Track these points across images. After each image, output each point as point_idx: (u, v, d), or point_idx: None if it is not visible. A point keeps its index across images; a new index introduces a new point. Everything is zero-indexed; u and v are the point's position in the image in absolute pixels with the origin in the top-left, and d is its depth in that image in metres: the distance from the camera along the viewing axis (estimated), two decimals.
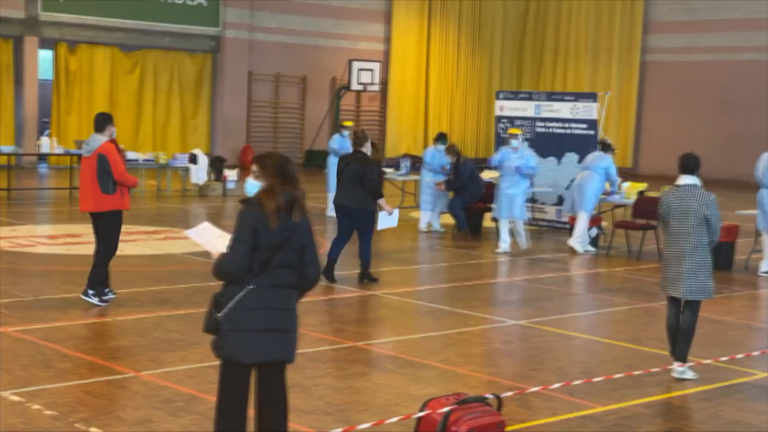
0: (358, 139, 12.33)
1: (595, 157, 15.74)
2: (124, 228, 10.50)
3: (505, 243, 15.18)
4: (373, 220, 12.20)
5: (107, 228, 10.22)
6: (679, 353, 8.41)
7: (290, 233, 5.34)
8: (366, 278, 12.22)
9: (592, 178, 15.51)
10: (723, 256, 13.92)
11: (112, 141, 10.21)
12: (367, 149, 12.17)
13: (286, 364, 5.56)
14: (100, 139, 10.10)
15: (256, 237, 5.28)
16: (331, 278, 12.04)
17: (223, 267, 5.34)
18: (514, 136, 15.36)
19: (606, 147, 15.95)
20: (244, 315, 5.32)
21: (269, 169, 5.39)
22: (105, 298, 10.26)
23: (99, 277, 10.23)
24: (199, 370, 7.85)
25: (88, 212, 10.30)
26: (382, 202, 12.26)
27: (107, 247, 10.26)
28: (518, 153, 15.16)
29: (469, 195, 17.01)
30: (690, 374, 8.39)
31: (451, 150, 17.36)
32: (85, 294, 10.24)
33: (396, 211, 12.53)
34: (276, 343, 5.40)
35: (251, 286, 5.32)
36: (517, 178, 15.14)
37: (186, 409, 6.91)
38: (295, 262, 5.40)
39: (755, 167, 14.12)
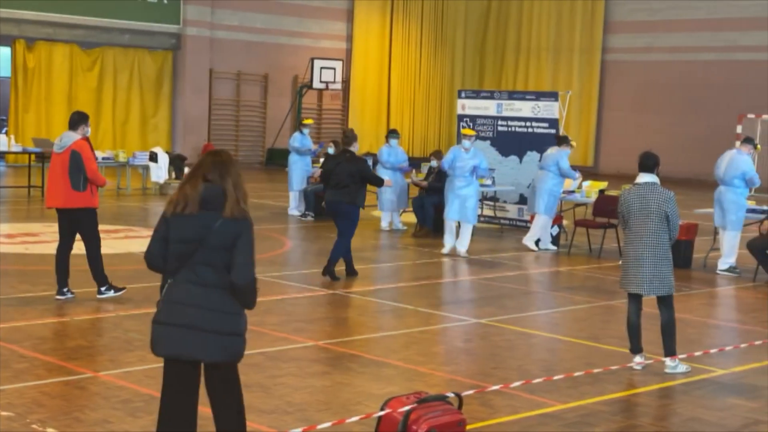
0: (347, 138, 12.56)
1: (548, 155, 15.76)
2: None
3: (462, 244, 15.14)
4: (357, 217, 12.39)
5: (85, 227, 10.32)
6: (668, 349, 8.51)
7: (205, 231, 5.25)
8: (328, 275, 12.19)
9: (546, 178, 15.56)
10: (682, 254, 14.03)
11: (86, 139, 10.25)
12: (355, 148, 12.34)
13: (232, 365, 5.46)
14: (74, 136, 10.21)
15: (168, 228, 5.32)
16: (353, 273, 12.54)
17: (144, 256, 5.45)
18: (467, 137, 15.24)
19: (561, 140, 15.95)
20: (163, 307, 5.35)
21: (194, 166, 5.46)
22: (99, 294, 10.44)
23: (101, 272, 10.41)
24: (158, 370, 7.71)
25: (55, 208, 10.30)
26: (386, 181, 13.36)
27: (92, 245, 10.37)
28: (470, 154, 15.02)
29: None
30: (682, 368, 8.48)
31: (438, 155, 17.57)
32: (100, 293, 10.43)
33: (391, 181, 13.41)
34: (194, 341, 5.26)
35: (170, 280, 5.36)
36: (471, 178, 15.01)
37: (145, 410, 6.85)
38: (220, 263, 5.28)
39: (716, 165, 14.23)
